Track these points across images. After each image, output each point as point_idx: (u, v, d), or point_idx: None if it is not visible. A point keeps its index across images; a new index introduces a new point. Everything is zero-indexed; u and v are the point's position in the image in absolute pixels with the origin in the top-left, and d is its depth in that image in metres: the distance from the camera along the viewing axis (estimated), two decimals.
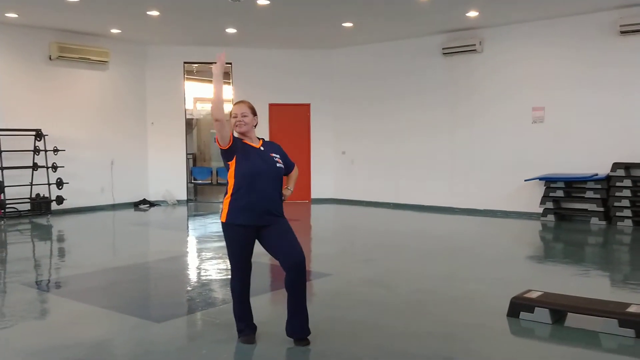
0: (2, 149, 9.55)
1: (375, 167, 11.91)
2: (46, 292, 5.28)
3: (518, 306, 4.20)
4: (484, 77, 10.31)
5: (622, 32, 8.72)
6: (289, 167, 3.84)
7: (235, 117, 3.68)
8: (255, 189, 3.57)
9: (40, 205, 10.20)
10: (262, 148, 3.72)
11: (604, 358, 3.61)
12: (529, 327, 4.06)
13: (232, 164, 3.62)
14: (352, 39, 11.37)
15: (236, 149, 3.62)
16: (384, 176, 11.75)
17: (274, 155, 3.72)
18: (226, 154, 3.63)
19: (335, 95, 12.50)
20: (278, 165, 3.68)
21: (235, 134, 3.73)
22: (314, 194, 12.67)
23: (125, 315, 4.40)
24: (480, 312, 4.44)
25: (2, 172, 9.52)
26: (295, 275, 3.57)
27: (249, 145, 3.69)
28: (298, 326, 3.67)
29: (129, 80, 11.77)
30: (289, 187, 3.84)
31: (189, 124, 14.94)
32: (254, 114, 3.76)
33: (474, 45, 10.18)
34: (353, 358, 3.50)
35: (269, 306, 4.70)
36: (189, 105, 15.29)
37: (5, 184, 9.53)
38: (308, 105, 12.63)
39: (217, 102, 3.51)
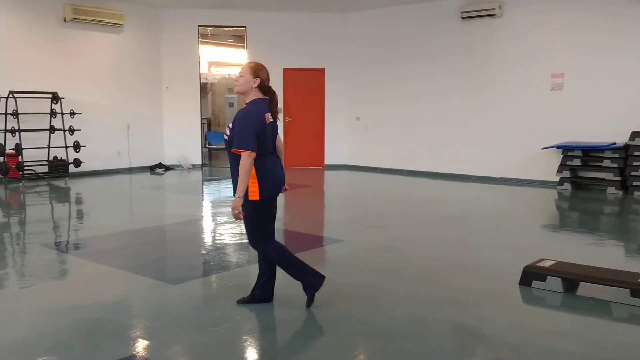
0: (19, 112, 9.63)
1: (389, 134, 11.83)
2: (65, 253, 5.39)
3: (530, 274, 4.21)
4: (502, 42, 10.10)
5: None
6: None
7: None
8: None
9: (58, 168, 10.32)
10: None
11: (615, 327, 3.62)
12: (540, 296, 4.07)
13: None
14: (368, 1, 11.15)
15: None
16: (398, 143, 11.68)
17: (231, 124, 3.49)
18: None
19: (350, 60, 12.35)
20: (224, 137, 3.52)
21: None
22: (328, 160, 12.66)
23: (141, 276, 4.50)
24: (492, 280, 4.46)
25: (19, 134, 9.61)
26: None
27: None
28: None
29: (143, 44, 11.72)
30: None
31: (204, 88, 14.89)
32: (254, 75, 3.50)
33: (494, 9, 9.93)
34: (364, 323, 3.55)
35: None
36: (204, 69, 15.21)
37: (23, 147, 9.64)
38: (323, 70, 12.51)
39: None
